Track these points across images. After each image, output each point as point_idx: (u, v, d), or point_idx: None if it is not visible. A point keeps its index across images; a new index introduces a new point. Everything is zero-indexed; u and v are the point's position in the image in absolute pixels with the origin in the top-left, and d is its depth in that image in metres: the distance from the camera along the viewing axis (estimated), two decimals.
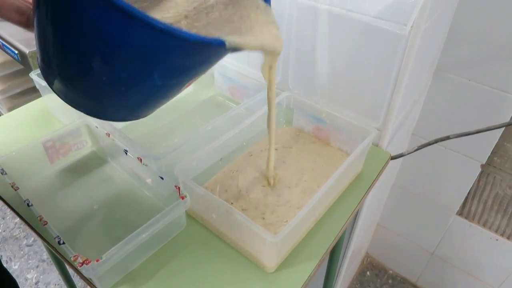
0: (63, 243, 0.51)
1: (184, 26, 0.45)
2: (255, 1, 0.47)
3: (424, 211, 1.16)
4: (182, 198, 0.56)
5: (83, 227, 0.61)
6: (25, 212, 0.62)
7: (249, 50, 0.42)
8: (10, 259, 1.49)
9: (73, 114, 0.73)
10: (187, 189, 0.57)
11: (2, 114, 0.97)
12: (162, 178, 0.59)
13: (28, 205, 0.56)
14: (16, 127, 0.81)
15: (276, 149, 0.72)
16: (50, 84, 0.42)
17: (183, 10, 0.47)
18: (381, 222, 1.31)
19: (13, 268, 1.45)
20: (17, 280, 1.41)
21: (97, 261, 0.48)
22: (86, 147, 0.74)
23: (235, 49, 0.39)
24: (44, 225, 0.53)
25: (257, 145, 0.72)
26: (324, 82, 0.71)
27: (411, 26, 0.57)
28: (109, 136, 0.67)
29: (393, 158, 0.76)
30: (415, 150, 0.75)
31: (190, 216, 0.62)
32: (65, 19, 0.32)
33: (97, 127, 0.69)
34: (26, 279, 1.42)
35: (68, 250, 0.49)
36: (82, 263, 0.48)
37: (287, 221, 0.57)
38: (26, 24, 0.50)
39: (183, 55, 0.36)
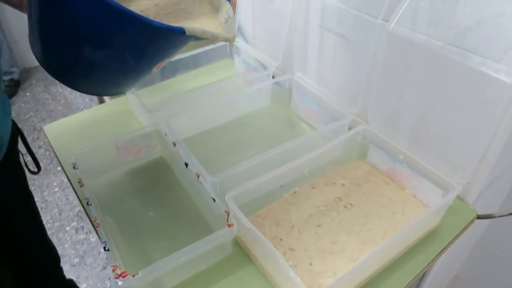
0: (108, 249, 0.52)
1: (152, 14, 0.52)
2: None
3: None
4: (229, 226, 0.53)
5: (135, 231, 0.62)
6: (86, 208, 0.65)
7: (206, 38, 0.49)
8: (90, 230, 1.63)
9: (148, 114, 0.75)
10: (235, 217, 0.54)
11: (105, 101, 1.04)
12: (214, 200, 0.57)
13: (88, 203, 0.58)
14: (100, 120, 0.86)
15: (343, 185, 0.66)
16: (37, 56, 0.49)
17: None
18: (459, 275, 1.16)
19: (91, 240, 1.59)
20: (93, 252, 1.53)
21: (133, 276, 0.48)
22: (155, 151, 0.76)
23: (196, 37, 0.47)
24: (96, 227, 0.55)
25: (322, 177, 0.67)
26: (407, 120, 0.64)
27: None
28: (174, 145, 0.67)
29: (480, 217, 0.65)
30: (510, 214, 0.63)
31: (237, 242, 0.59)
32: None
33: (166, 134, 0.70)
34: (99, 253, 1.54)
35: (110, 258, 0.50)
36: (119, 275, 0.48)
37: (335, 273, 0.52)
38: (20, 6, 0.56)
39: (151, 39, 0.45)
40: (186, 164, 0.64)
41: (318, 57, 0.77)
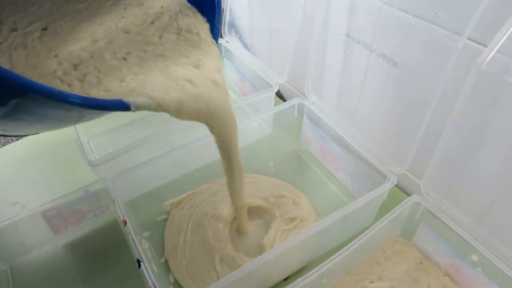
0: None
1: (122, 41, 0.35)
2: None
3: None
4: None
5: None
6: None
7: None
8: None
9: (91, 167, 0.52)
10: None
11: None
12: None
13: None
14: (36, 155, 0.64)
15: None
16: None
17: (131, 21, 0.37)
18: None
19: None
20: None
21: None
22: (106, 214, 0.53)
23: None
24: None
25: (347, 275, 0.45)
26: (487, 198, 0.40)
27: None
28: (125, 224, 0.44)
29: None
30: None
31: None
32: None
33: (114, 200, 0.47)
34: None
35: None
36: None
37: None
38: None
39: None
40: (139, 263, 0.41)
41: (341, 79, 0.52)
